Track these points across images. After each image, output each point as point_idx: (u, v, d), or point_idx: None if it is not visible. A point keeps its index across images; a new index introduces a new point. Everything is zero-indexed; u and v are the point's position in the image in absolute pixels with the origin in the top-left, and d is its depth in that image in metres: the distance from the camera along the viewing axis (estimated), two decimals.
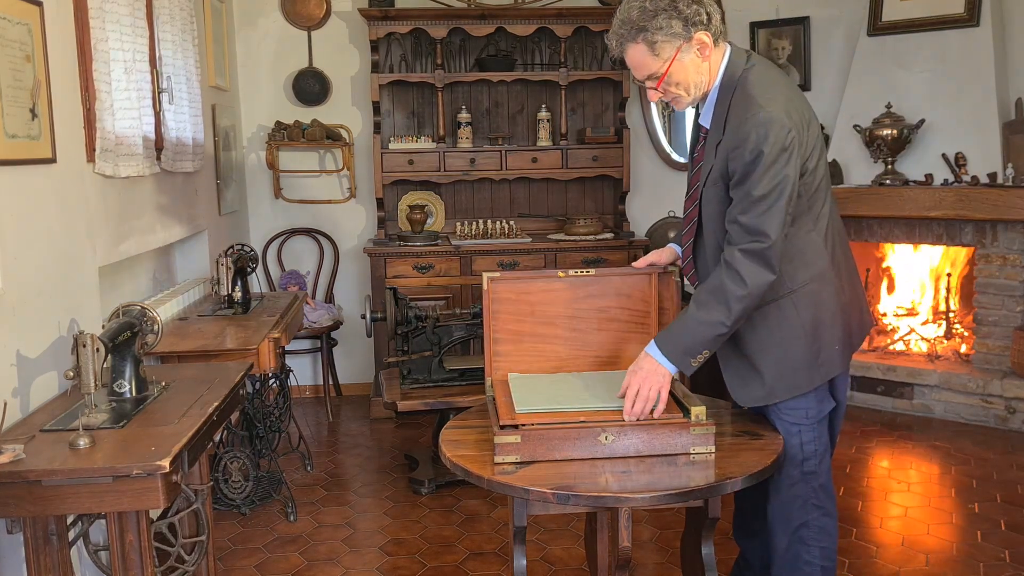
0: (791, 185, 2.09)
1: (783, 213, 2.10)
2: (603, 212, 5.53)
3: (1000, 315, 4.64)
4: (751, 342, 2.27)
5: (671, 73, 2.16)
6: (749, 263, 2.11)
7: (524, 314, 2.46)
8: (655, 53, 2.15)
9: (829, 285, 2.26)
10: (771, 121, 2.06)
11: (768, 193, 2.08)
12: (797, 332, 2.24)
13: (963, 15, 4.70)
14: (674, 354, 2.16)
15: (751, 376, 2.29)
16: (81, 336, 2.09)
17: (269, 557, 3.31)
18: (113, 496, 1.95)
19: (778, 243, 2.10)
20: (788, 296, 2.23)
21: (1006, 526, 3.41)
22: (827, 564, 2.36)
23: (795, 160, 2.10)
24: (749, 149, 2.07)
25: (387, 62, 5.26)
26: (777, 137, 2.06)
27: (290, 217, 5.42)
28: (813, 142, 2.18)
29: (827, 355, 2.27)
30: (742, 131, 2.09)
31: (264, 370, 3.18)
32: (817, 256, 2.24)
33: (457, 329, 3.91)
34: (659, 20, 2.11)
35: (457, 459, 2.13)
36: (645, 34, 2.13)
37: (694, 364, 2.17)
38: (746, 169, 2.09)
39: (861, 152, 4.97)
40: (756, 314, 2.23)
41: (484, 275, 2.40)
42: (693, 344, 2.15)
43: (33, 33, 2.47)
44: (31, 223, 2.45)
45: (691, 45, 2.14)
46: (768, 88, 2.14)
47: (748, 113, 2.10)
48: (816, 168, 2.20)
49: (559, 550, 3.30)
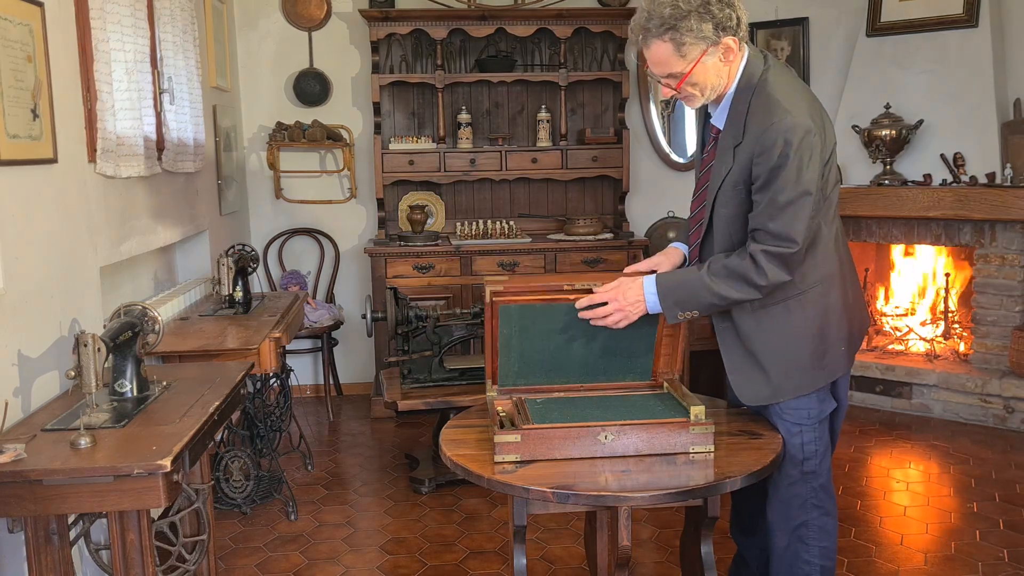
0: (816, 190, 2.10)
1: (808, 219, 2.11)
2: (603, 212, 5.53)
3: (999, 315, 4.64)
4: (757, 341, 2.28)
5: (693, 74, 2.14)
6: (771, 264, 2.13)
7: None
8: (681, 54, 2.12)
9: (836, 287, 2.28)
10: (797, 127, 2.06)
11: (795, 199, 2.08)
12: (803, 333, 2.25)
13: (962, 16, 4.71)
14: (668, 298, 2.21)
15: (757, 375, 2.29)
16: (82, 336, 2.09)
17: (270, 556, 3.32)
18: (114, 495, 1.95)
19: (802, 250, 2.12)
20: (796, 297, 2.24)
21: (1005, 525, 3.42)
22: (826, 564, 2.36)
23: (818, 164, 2.11)
24: (777, 154, 2.07)
25: (387, 63, 5.27)
26: (803, 143, 2.06)
27: (291, 217, 5.43)
28: (830, 150, 2.19)
29: (832, 356, 2.28)
30: (768, 136, 2.08)
31: (265, 370, 3.19)
32: (827, 258, 2.26)
33: (457, 329, 3.92)
34: (691, 21, 2.08)
35: (457, 458, 2.14)
36: (674, 33, 2.09)
37: (680, 317, 2.22)
38: (772, 175, 2.09)
39: (860, 152, 4.98)
40: (763, 314, 2.24)
41: (487, 289, 2.32)
42: (690, 300, 2.20)
43: (34, 33, 2.48)
44: (32, 223, 2.46)
45: (717, 49, 2.13)
46: (791, 93, 2.14)
47: (774, 118, 2.09)
48: (831, 171, 2.21)
49: (559, 549, 3.30)
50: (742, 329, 2.29)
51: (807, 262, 2.21)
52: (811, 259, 2.22)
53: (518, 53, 5.35)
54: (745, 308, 2.25)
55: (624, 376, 2.46)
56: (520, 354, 2.38)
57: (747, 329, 2.27)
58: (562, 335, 2.37)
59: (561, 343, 2.38)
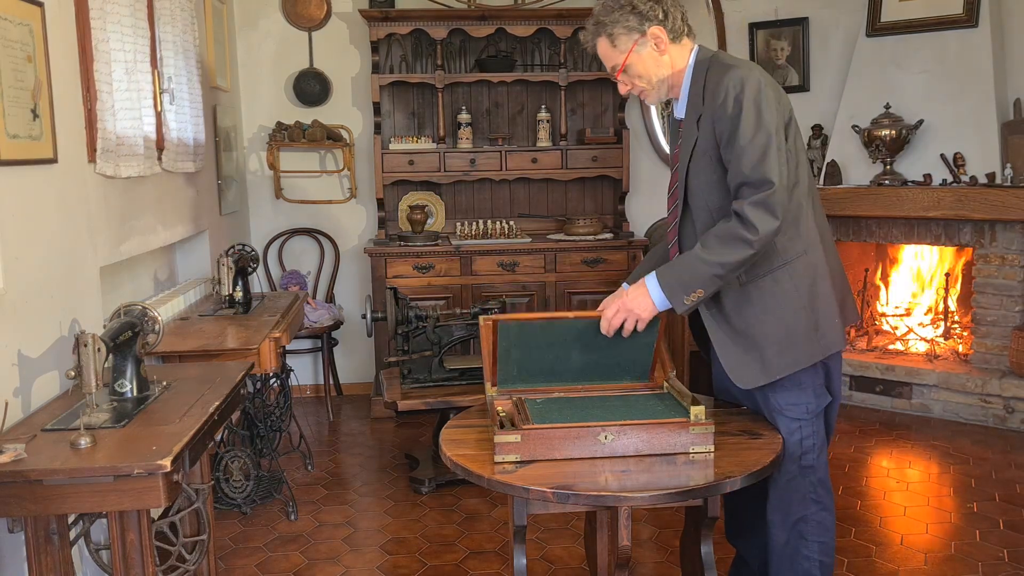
0: (776, 131, 2.18)
1: (778, 156, 2.17)
2: (603, 212, 5.53)
3: (999, 315, 4.64)
4: (749, 317, 2.28)
5: (631, 64, 2.33)
6: (757, 213, 2.15)
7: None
8: (614, 45, 2.33)
9: (820, 255, 2.31)
10: (748, 77, 2.20)
11: (756, 136, 2.17)
12: (795, 303, 2.27)
13: (962, 16, 4.71)
14: (671, 286, 2.23)
15: (750, 354, 2.28)
16: (82, 336, 2.09)
17: (270, 556, 3.32)
18: (114, 495, 1.95)
19: (781, 190, 2.16)
20: (783, 268, 2.27)
21: (1005, 525, 3.42)
22: (825, 559, 2.37)
23: (775, 110, 2.19)
24: (731, 103, 2.19)
25: (387, 63, 5.27)
26: (753, 88, 2.18)
27: (291, 217, 5.43)
28: (787, 114, 2.28)
29: (826, 327, 2.29)
30: (720, 90, 2.22)
31: (265, 370, 3.19)
32: (809, 229, 2.30)
33: (457, 329, 3.92)
34: (615, 15, 2.30)
35: (457, 458, 2.14)
36: (605, 27, 2.32)
37: (687, 302, 2.23)
38: (732, 123, 2.19)
39: (860, 152, 4.98)
40: (752, 288, 2.26)
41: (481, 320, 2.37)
42: (691, 280, 2.21)
43: (34, 33, 2.48)
44: (32, 223, 2.46)
45: (647, 39, 2.30)
46: (741, 61, 2.29)
47: (726, 75, 2.22)
48: (795, 137, 2.29)
49: (559, 549, 3.30)
50: (732, 308, 2.29)
51: (790, 231, 2.25)
52: (794, 228, 2.26)
53: (518, 53, 5.35)
54: (733, 286, 2.27)
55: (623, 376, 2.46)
56: (519, 364, 2.41)
57: (737, 307, 2.28)
58: (560, 348, 2.40)
59: (560, 354, 2.41)
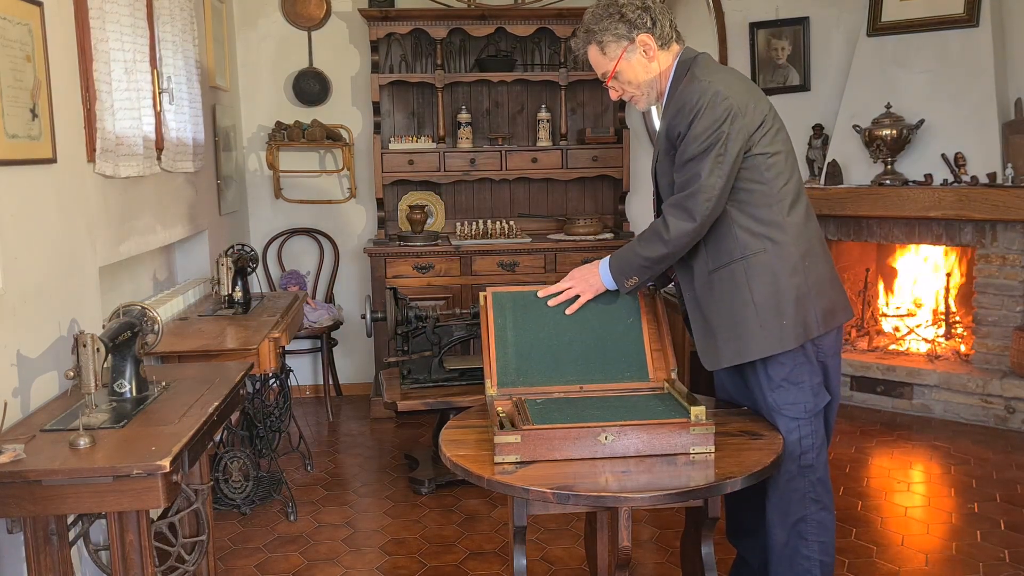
0: (724, 143, 2.21)
1: (713, 163, 2.22)
2: (603, 212, 5.53)
3: (1000, 315, 4.64)
4: (709, 303, 2.38)
5: (620, 71, 2.38)
6: (673, 215, 2.28)
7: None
8: (605, 53, 2.38)
9: (793, 255, 2.30)
10: (706, 89, 2.24)
11: (693, 143, 2.23)
12: (743, 296, 2.31)
13: (963, 15, 4.70)
14: (616, 269, 2.43)
15: (708, 339, 2.39)
16: (81, 336, 2.09)
17: (269, 557, 3.31)
18: (113, 496, 1.95)
19: (701, 193, 2.22)
20: (741, 261, 2.31)
21: (1006, 526, 3.42)
22: (825, 559, 2.37)
23: (734, 124, 2.22)
24: (686, 112, 2.25)
25: (387, 62, 5.27)
26: (711, 100, 2.22)
27: (290, 217, 5.42)
28: (759, 120, 2.29)
29: (801, 313, 2.29)
30: (679, 98, 2.27)
31: (264, 370, 3.19)
32: (776, 230, 2.30)
33: (457, 329, 3.91)
34: (604, 23, 2.35)
35: (457, 459, 2.14)
36: (594, 35, 2.37)
37: (627, 285, 2.42)
38: (684, 131, 2.25)
39: (861, 152, 4.97)
40: (715, 276, 2.35)
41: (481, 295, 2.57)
42: (628, 268, 2.40)
43: (33, 33, 2.47)
44: (32, 223, 2.45)
45: (635, 46, 2.35)
46: (710, 71, 2.32)
47: (688, 85, 2.27)
48: (768, 147, 2.30)
49: (559, 550, 3.30)
50: (701, 294, 2.40)
51: (752, 229, 2.29)
52: (756, 227, 2.30)
53: (518, 53, 5.35)
54: (700, 276, 2.37)
55: (622, 374, 2.46)
56: (517, 348, 2.45)
57: (704, 293, 2.38)
58: (554, 324, 2.49)
59: (553, 333, 2.49)
